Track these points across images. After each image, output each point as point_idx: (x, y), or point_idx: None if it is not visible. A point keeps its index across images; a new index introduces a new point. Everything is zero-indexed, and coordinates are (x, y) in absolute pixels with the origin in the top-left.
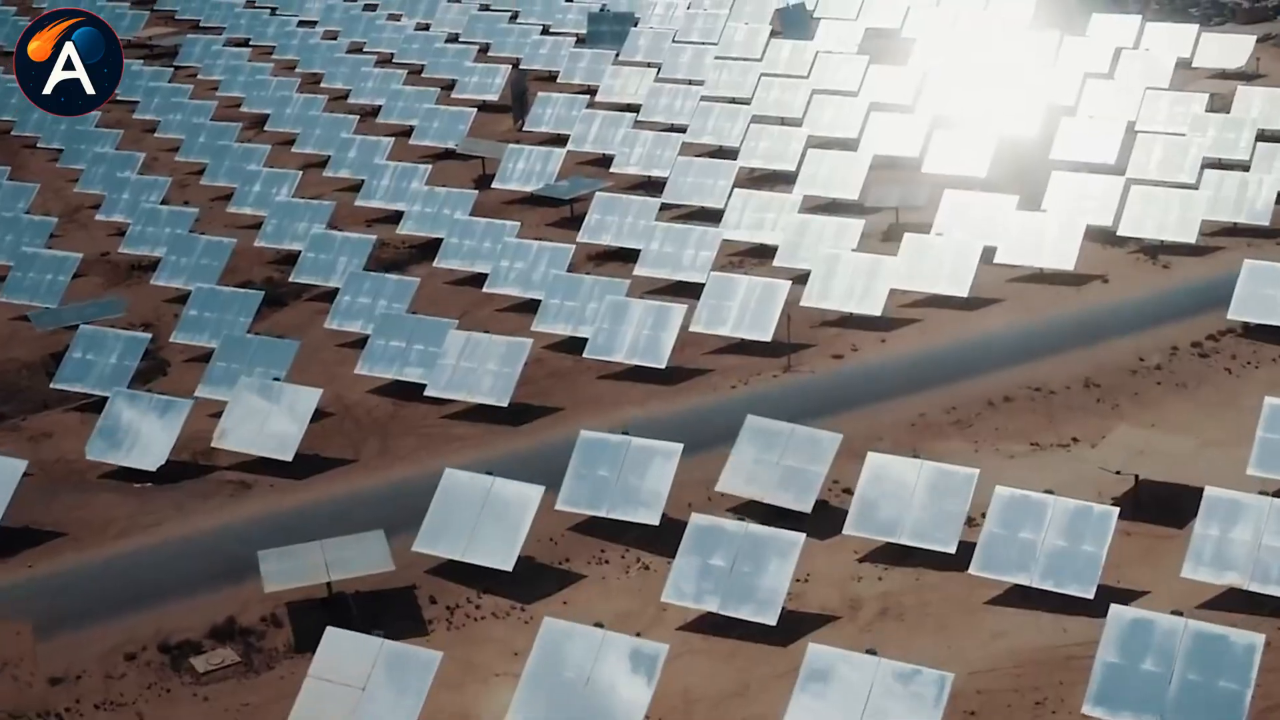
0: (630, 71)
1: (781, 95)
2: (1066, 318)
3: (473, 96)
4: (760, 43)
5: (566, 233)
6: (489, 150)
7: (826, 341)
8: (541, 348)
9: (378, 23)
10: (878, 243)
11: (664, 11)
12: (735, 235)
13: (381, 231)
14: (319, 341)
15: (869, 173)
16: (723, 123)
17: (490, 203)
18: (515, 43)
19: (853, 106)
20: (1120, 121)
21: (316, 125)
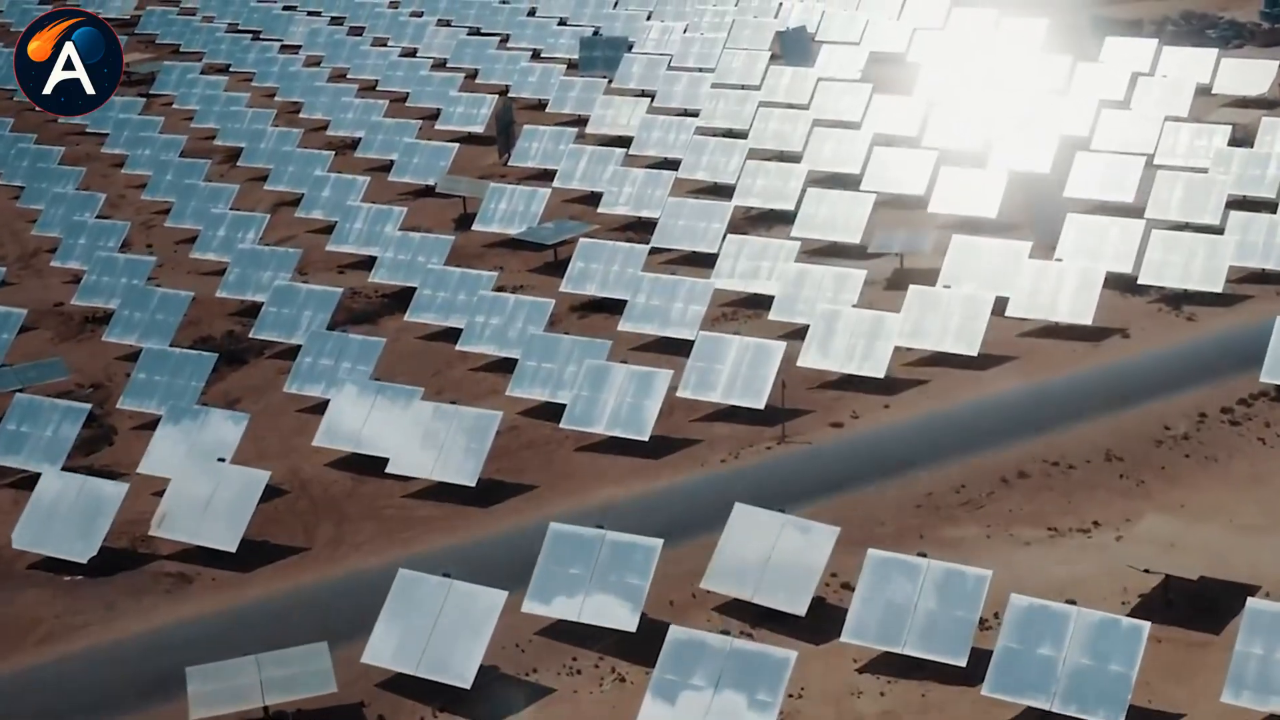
0: (622, 101)
1: (780, 127)
2: (1084, 379)
3: (457, 128)
4: (759, 69)
5: (549, 279)
6: (470, 189)
7: (825, 407)
8: (517, 413)
9: (362, 48)
10: (881, 291)
11: (659, 36)
12: (728, 285)
13: (353, 278)
14: (278, 406)
15: (872, 212)
16: (718, 158)
17: (470, 245)
18: (504, 69)
19: (855, 140)
20: (1138, 156)
21: (290, 161)
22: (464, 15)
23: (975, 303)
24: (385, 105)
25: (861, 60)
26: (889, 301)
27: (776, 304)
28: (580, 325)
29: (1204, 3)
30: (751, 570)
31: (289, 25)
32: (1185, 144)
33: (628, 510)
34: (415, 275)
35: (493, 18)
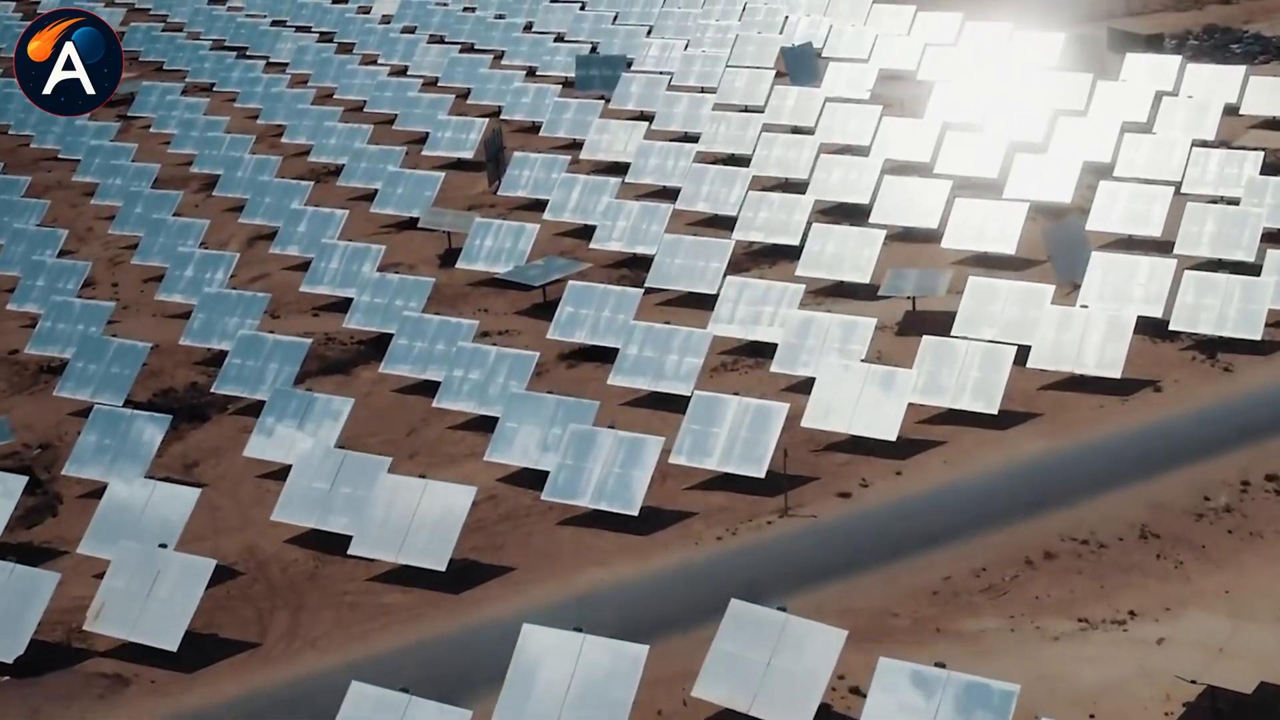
0: (619, 125)
1: (785, 154)
2: (1114, 441)
3: (445, 154)
4: (763, 90)
5: (537, 323)
6: (454, 223)
7: (831, 473)
8: (496, 480)
9: (349, 67)
10: (892, 338)
11: (659, 53)
12: (727, 332)
13: (328, 321)
14: (238, 472)
15: (883, 247)
16: (719, 187)
17: (454, 283)
18: (497, 89)
19: (864, 169)
20: (1165, 186)
21: (267, 192)
22: (458, 31)
23: (995, 356)
24: (370, 130)
25: (870, 79)
26: (901, 349)
27: (779, 355)
28: (568, 377)
29: (1226, 15)
30: (749, 677)
31: (276, 42)
32: (1215, 172)
33: (613, 597)
34: (392, 321)
35: (487, 34)
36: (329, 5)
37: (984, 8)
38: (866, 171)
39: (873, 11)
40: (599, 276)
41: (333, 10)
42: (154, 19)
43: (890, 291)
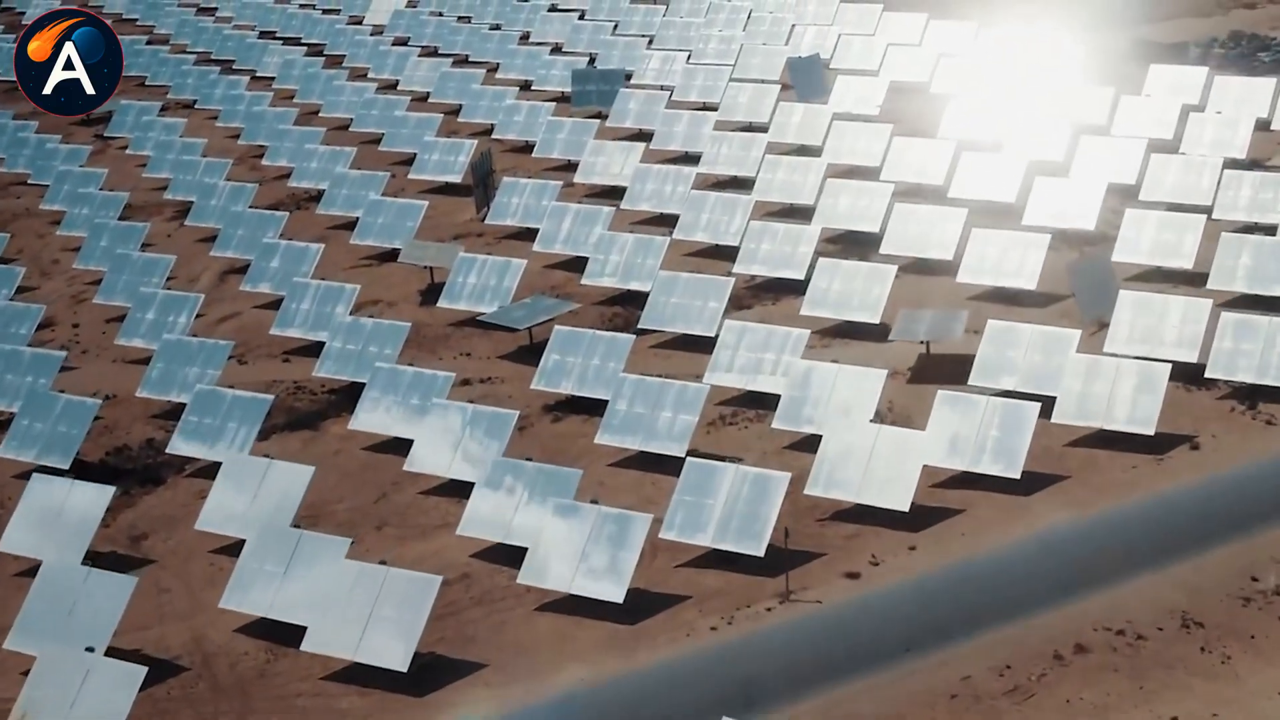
0: (615, 147)
1: (790, 177)
2: (1150, 509)
3: (431, 177)
4: (768, 105)
5: (522, 368)
6: (437, 257)
7: (838, 548)
8: (470, 555)
9: (336, 83)
10: (904, 386)
11: (660, 66)
12: (726, 381)
13: (299, 367)
14: (189, 547)
15: (895, 282)
16: (719, 215)
17: (435, 324)
18: (489, 106)
19: (874, 194)
20: (1196, 214)
21: (241, 223)
22: (451, 43)
23: (1017, 414)
24: (353, 154)
25: (880, 93)
26: (914, 399)
27: (781, 409)
28: (552, 432)
29: (1252, 20)
30: None
31: (263, 55)
32: (1248, 196)
33: (595, 701)
34: (366, 368)
35: (482, 45)
36: (319, 16)
37: (999, 15)
38: (876, 198)
39: (883, 20)
40: (590, 316)
41: (323, 21)
42: (140, 30)
43: (902, 336)
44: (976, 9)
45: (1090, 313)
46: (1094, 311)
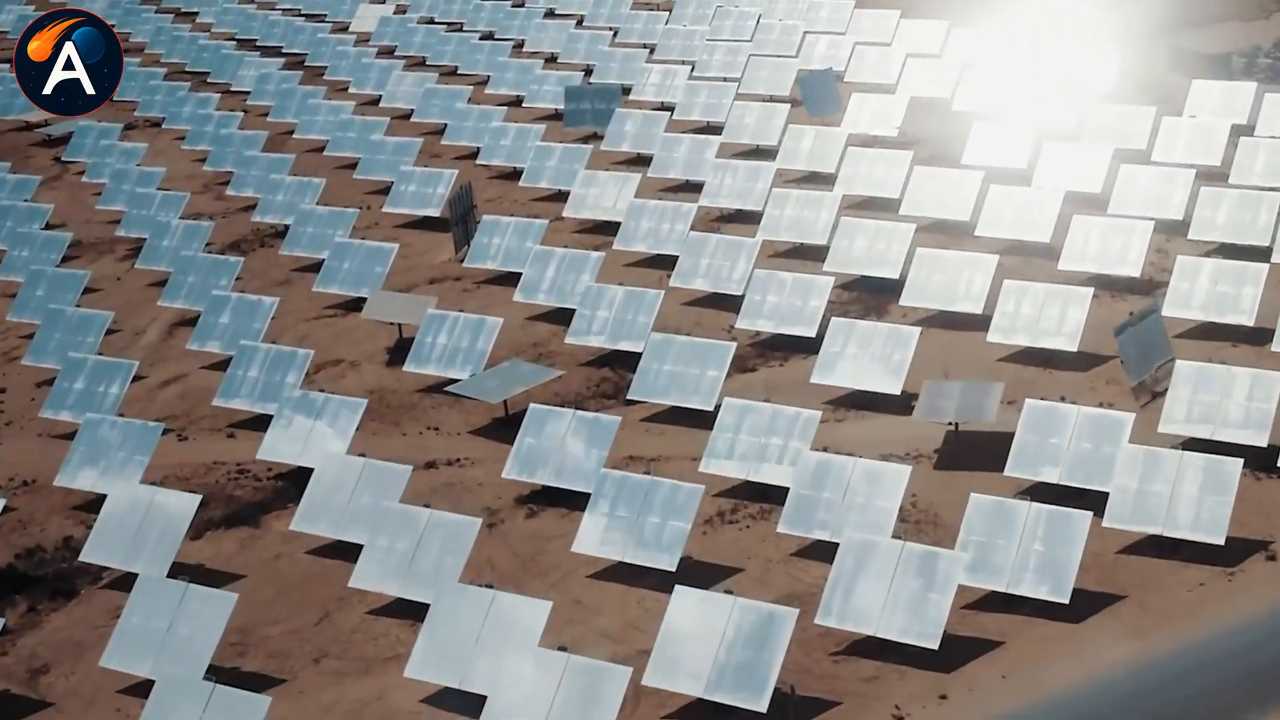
0: (608, 178)
1: (800, 213)
2: (1221, 641)
3: (408, 211)
4: (776, 127)
5: (496, 446)
6: (404, 312)
7: (855, 694)
8: (420, 701)
9: (312, 102)
10: (930, 472)
11: (660, 81)
12: (725, 470)
13: (244, 445)
14: (93, 686)
15: (918, 339)
16: (721, 260)
17: (402, 389)
18: (474, 127)
19: (892, 236)
20: (1257, 264)
21: (192, 269)
22: (440, 53)
23: (1067, 525)
24: (322, 186)
25: (899, 112)
26: (941, 492)
27: (789, 510)
28: (525, 531)
29: None
30: None
31: (239, 68)
32: None
33: None
34: (313, 453)
35: (471, 56)
36: (301, 23)
37: (1025, 21)
38: (895, 240)
39: (900, 28)
40: (575, 380)
41: (305, 29)
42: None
43: (928, 414)
44: (1000, 15)
45: (1138, 375)
46: (1141, 373)
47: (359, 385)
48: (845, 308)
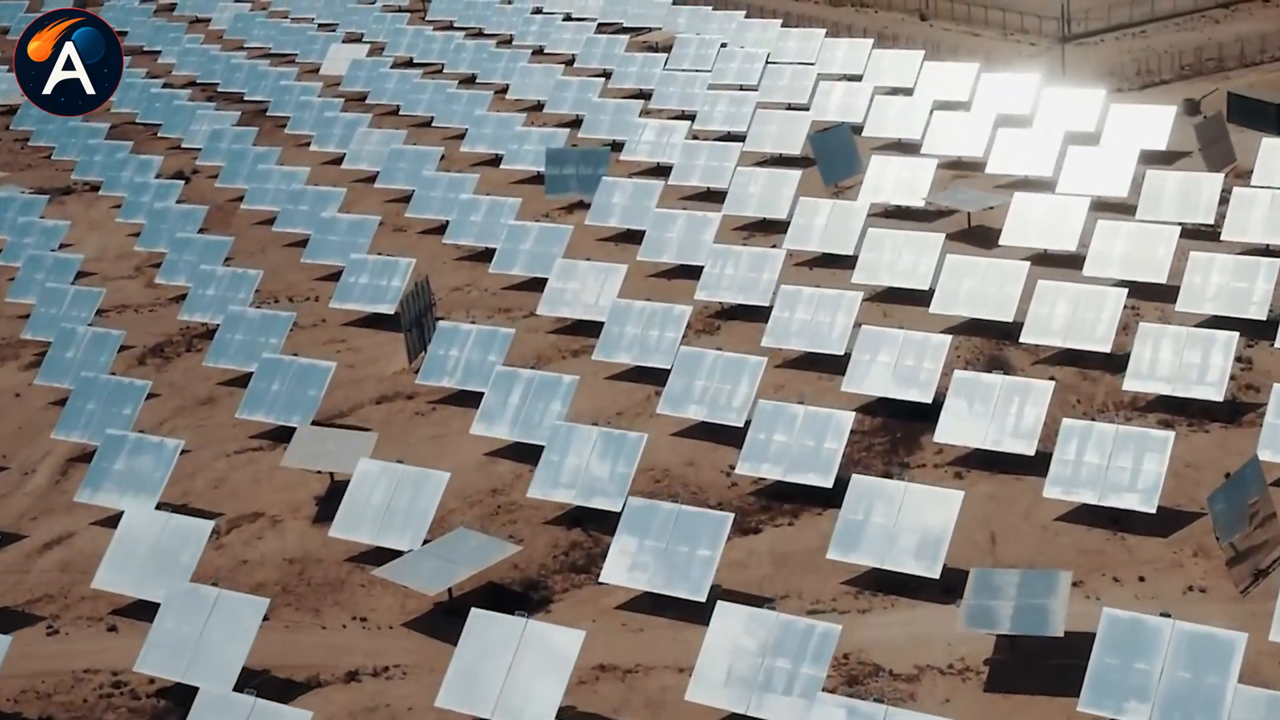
0: (589, 270)
1: (814, 317)
2: None
3: (357, 307)
4: (785, 198)
5: (435, 648)
6: (335, 457)
7: None
8: None
9: (262, 167)
10: (977, 696)
11: (655, 138)
12: (718, 700)
13: (125, 642)
14: None
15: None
16: (719, 382)
17: (329, 558)
18: (442, 198)
19: (924, 350)
20: None
21: (93, 394)
22: (414, 102)
23: None
24: (258, 279)
25: (927, 178)
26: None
27: None
28: None
29: None
30: None
31: (191, 121)
32: None
33: None
34: (206, 665)
35: (448, 107)
36: (266, 68)
37: (1056, 63)
38: (929, 355)
39: (925, 71)
40: (537, 548)
41: (270, 74)
42: None
43: (977, 623)
44: (1034, 60)
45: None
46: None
47: (278, 550)
48: (869, 442)
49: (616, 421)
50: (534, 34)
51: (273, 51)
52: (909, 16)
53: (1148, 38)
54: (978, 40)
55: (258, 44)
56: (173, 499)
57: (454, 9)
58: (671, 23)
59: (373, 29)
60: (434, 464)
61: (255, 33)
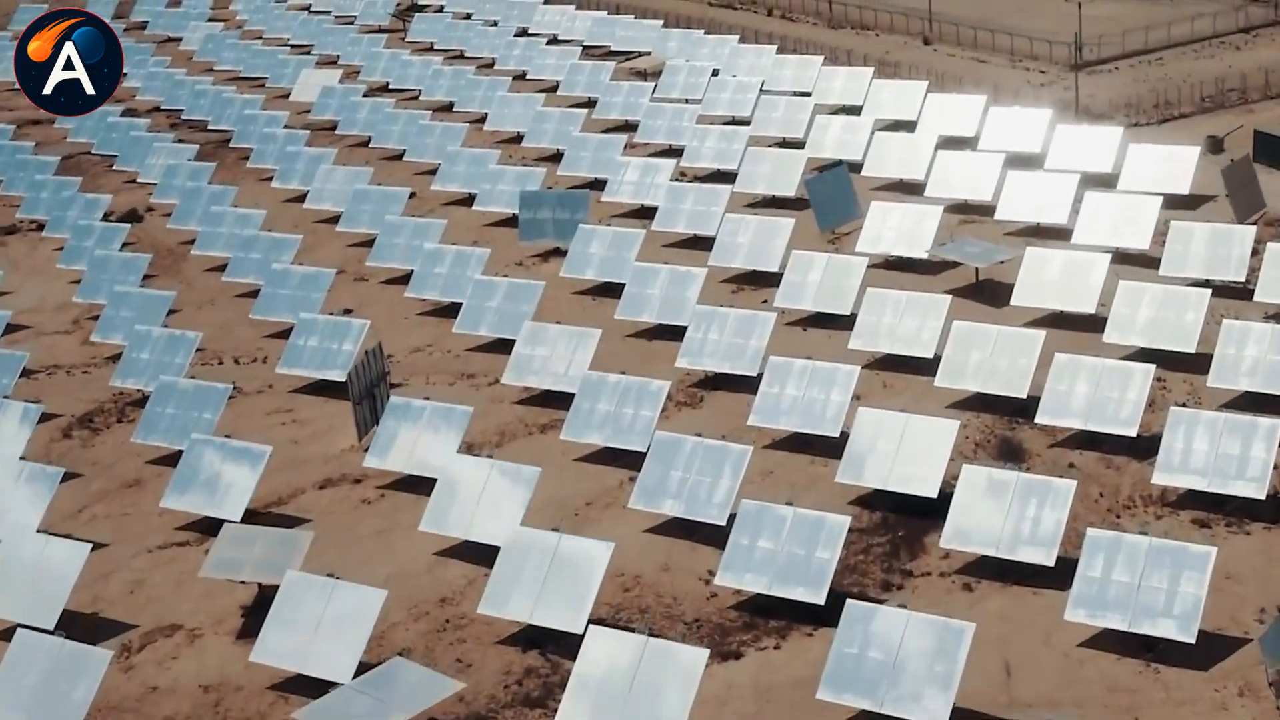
0: (559, 335)
1: (806, 394)
2: None
3: (305, 373)
4: (777, 249)
5: None
6: (262, 564)
7: None
8: None
9: (215, 209)
10: None
11: (639, 178)
12: None
13: None
14: None
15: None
16: (701, 474)
17: (249, 686)
18: (406, 245)
19: (927, 437)
20: None
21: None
22: (385, 133)
23: None
24: (196, 341)
25: (931, 227)
26: None
27: None
28: None
29: None
30: None
31: (147, 154)
32: None
33: None
34: None
35: (420, 140)
36: (232, 94)
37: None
38: (935, 442)
39: (929, 103)
40: (485, 677)
41: (234, 102)
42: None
43: None
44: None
45: None
46: None
47: (194, 674)
48: (867, 543)
49: (585, 512)
50: (516, 58)
51: (242, 75)
52: (911, 40)
53: (1164, 65)
54: (984, 68)
55: (228, 67)
56: (83, 605)
57: (435, 30)
58: (662, 47)
59: (349, 51)
60: (378, 564)
61: (225, 55)
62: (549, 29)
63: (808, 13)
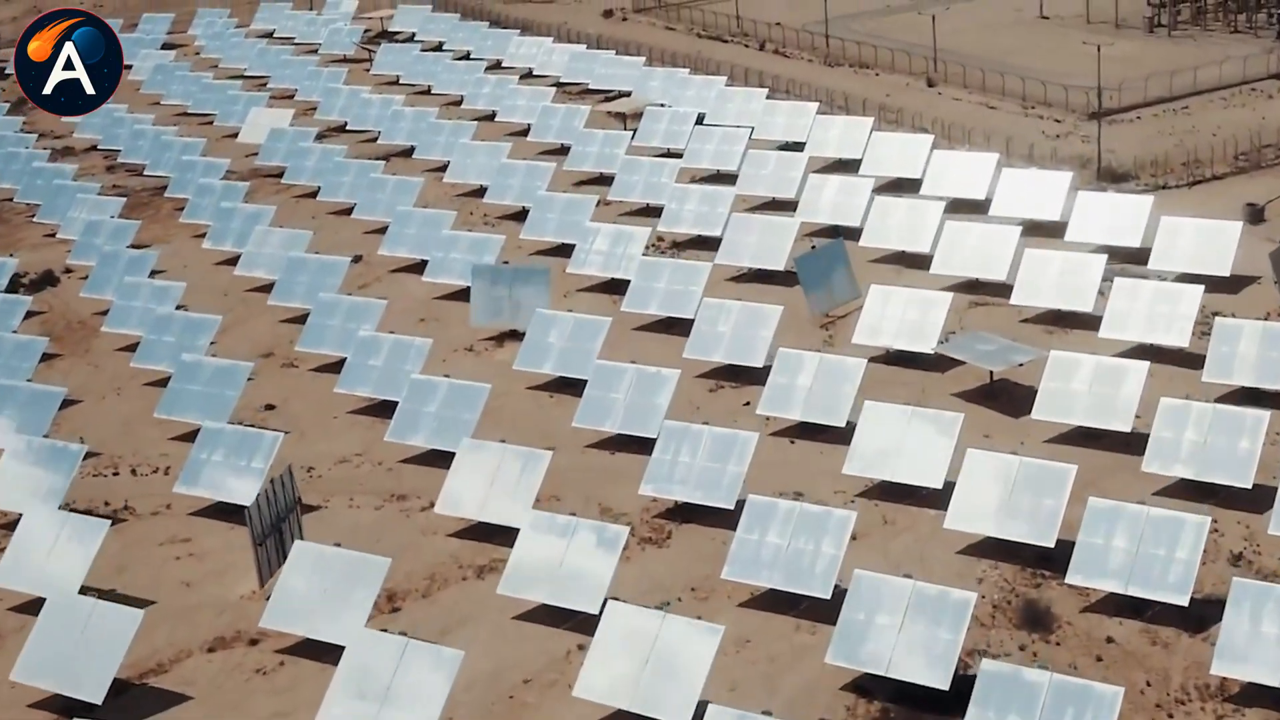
0: (503, 454)
1: (793, 548)
2: None
3: (204, 494)
4: (762, 343)
5: None
6: None
7: None
8: None
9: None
10: None
11: (609, 249)
12: None
13: None
14: None
15: None
16: (663, 655)
17: None
18: (341, 329)
19: (938, 613)
20: None
21: None
22: (334, 185)
23: None
24: (80, 455)
25: (940, 315)
26: None
27: None
28: None
29: None
30: None
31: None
32: None
33: None
34: None
35: (371, 195)
36: (173, 135)
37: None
38: (947, 618)
39: (934, 160)
40: None
41: (174, 146)
42: None
43: None
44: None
45: None
46: None
47: None
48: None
49: (520, 693)
50: (486, 97)
51: (190, 111)
52: (914, 80)
53: (1191, 115)
54: (993, 115)
55: (175, 101)
56: None
57: (402, 62)
58: (644, 87)
59: (306, 85)
60: None
61: (174, 89)
62: (524, 62)
63: (803, 48)
